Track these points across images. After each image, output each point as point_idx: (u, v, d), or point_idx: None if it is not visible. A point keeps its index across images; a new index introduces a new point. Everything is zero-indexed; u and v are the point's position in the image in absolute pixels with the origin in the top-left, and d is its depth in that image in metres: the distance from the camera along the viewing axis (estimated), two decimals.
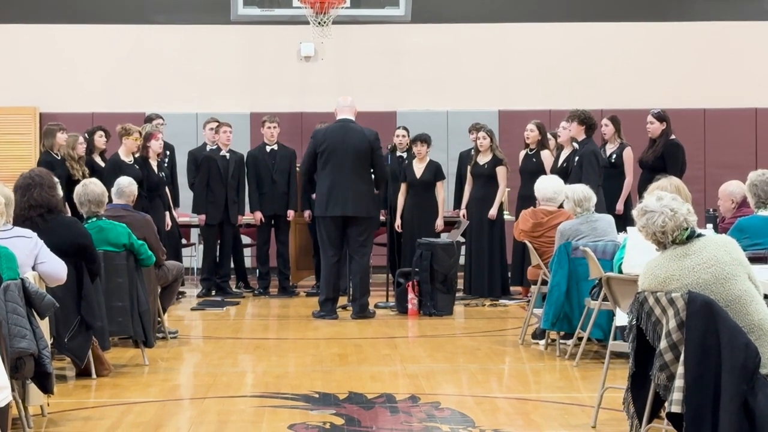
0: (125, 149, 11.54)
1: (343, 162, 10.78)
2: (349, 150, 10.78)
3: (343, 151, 10.79)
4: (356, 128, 10.93)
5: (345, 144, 10.79)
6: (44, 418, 6.43)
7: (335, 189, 10.77)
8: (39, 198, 7.11)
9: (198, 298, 12.58)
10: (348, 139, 10.80)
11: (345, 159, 10.78)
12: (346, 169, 10.78)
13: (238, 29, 15.75)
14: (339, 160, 10.79)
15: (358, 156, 10.80)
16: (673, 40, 16.07)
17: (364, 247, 11.00)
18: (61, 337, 7.20)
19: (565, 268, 8.57)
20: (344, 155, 10.78)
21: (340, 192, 10.76)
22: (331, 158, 10.82)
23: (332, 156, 10.81)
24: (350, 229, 10.90)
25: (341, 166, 10.79)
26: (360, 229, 10.92)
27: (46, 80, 15.71)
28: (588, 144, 10.96)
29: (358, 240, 10.94)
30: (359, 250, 10.97)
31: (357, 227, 10.89)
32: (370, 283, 11.31)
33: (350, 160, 10.78)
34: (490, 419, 6.43)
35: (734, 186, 8.18)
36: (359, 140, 10.81)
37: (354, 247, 10.97)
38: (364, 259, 11.00)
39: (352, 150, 10.79)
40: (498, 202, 12.29)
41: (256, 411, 6.71)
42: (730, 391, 4.63)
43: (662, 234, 4.97)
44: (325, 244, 10.98)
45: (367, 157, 10.86)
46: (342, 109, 11.06)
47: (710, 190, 13.06)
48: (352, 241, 10.96)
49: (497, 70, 16.02)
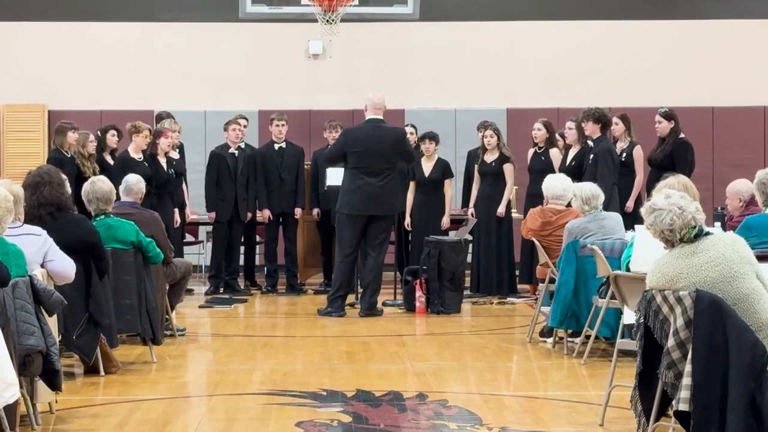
0: (135, 146, 11.57)
1: (374, 163, 10.87)
2: (380, 151, 10.88)
3: (375, 153, 10.87)
4: (387, 128, 11.07)
5: (377, 146, 10.87)
6: (52, 415, 6.44)
7: (366, 188, 10.82)
8: (49, 196, 7.13)
9: (206, 295, 12.59)
10: (380, 141, 10.89)
11: (376, 160, 10.87)
12: (376, 169, 10.88)
13: (246, 27, 15.75)
14: (370, 161, 10.87)
15: (387, 157, 10.93)
16: (682, 37, 16.05)
17: (382, 245, 11.07)
18: (69, 335, 7.21)
19: (573, 266, 8.57)
20: (376, 156, 10.86)
21: (372, 191, 10.82)
22: (363, 159, 10.88)
23: (364, 157, 10.87)
24: (372, 227, 10.96)
25: (372, 167, 10.87)
26: (381, 227, 11.01)
27: (55, 78, 15.73)
28: (603, 142, 10.94)
29: (379, 237, 11.00)
30: (377, 248, 11.00)
31: (379, 225, 10.96)
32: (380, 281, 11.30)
33: (381, 161, 10.89)
34: (498, 417, 6.43)
35: (742, 184, 8.17)
36: (390, 141, 10.93)
37: (372, 244, 10.99)
38: (380, 257, 11.03)
39: (383, 151, 10.89)
40: (505, 199, 12.29)
41: (264, 408, 6.71)
42: (737, 390, 4.62)
43: (670, 232, 4.97)
44: (345, 242, 11.00)
45: (396, 156, 11.02)
46: (372, 109, 11.10)
47: (718, 189, 13.03)
48: (370, 239, 10.99)
49: (505, 68, 16.01)
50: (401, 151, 11.06)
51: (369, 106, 11.10)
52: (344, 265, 10.99)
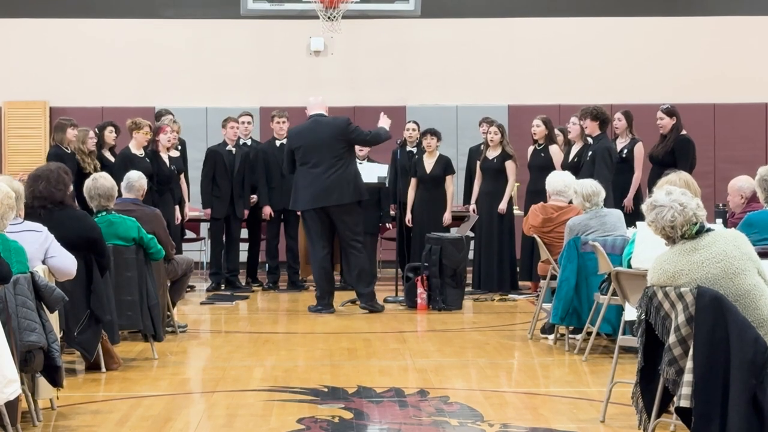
0: (136, 143, 11.57)
1: (317, 155, 10.82)
2: (321, 143, 10.82)
3: (316, 146, 10.83)
4: (326, 120, 11.00)
5: (318, 138, 10.83)
6: (53, 412, 6.45)
7: (315, 183, 10.79)
8: (44, 191, 7.14)
9: (207, 292, 12.60)
10: (320, 132, 10.85)
11: (319, 152, 10.82)
12: (321, 161, 10.81)
13: (247, 24, 15.76)
14: (313, 154, 10.83)
15: (330, 148, 10.82)
16: (683, 34, 16.04)
17: (355, 238, 10.95)
18: (70, 331, 7.22)
19: (575, 262, 8.57)
20: (318, 149, 10.82)
21: (320, 184, 10.78)
22: (306, 154, 10.86)
23: (307, 152, 10.86)
24: (338, 222, 10.90)
25: (316, 159, 10.82)
26: (349, 220, 10.90)
27: (56, 75, 15.73)
28: (602, 140, 10.94)
29: (352, 231, 10.92)
30: (356, 243, 10.95)
31: (343, 218, 10.87)
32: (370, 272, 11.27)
33: (324, 152, 10.82)
34: (499, 413, 6.43)
35: (743, 181, 8.17)
36: (329, 131, 10.84)
37: (349, 240, 10.95)
38: (361, 253, 10.96)
39: (323, 142, 10.82)
40: (507, 196, 12.29)
41: (265, 405, 6.72)
42: (739, 386, 4.62)
43: (671, 228, 4.97)
44: (313, 238, 10.99)
45: (341, 144, 10.88)
46: (312, 107, 11.12)
47: (720, 185, 13.04)
48: (343, 235, 10.96)
49: (507, 65, 16.01)
50: (347, 139, 10.91)
51: (309, 107, 11.14)
52: (318, 263, 10.98)
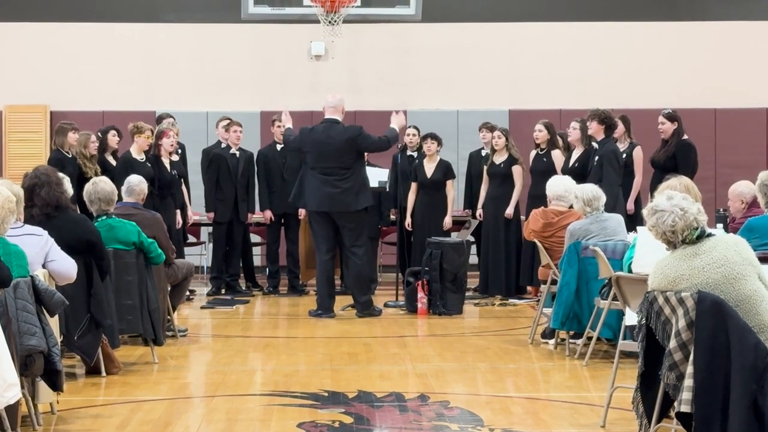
0: (137, 147, 11.56)
1: (326, 163, 10.87)
2: (331, 152, 10.86)
3: (326, 154, 10.86)
4: (338, 129, 11.00)
5: (326, 147, 10.87)
6: (53, 416, 6.45)
7: (323, 188, 10.83)
8: (47, 197, 7.11)
9: (208, 296, 12.59)
10: (328, 142, 10.87)
11: (328, 160, 10.86)
12: (330, 169, 10.86)
13: (248, 28, 15.76)
14: (322, 162, 10.88)
15: (339, 157, 10.86)
16: (684, 39, 16.04)
17: (357, 245, 11.00)
18: (70, 335, 7.21)
19: (575, 267, 8.57)
20: (327, 157, 10.86)
21: (329, 190, 10.81)
22: (316, 160, 10.91)
23: (316, 158, 10.91)
24: (341, 228, 10.95)
25: (325, 167, 10.87)
26: (351, 226, 10.94)
27: (57, 79, 15.74)
28: (608, 143, 10.95)
29: (354, 236, 10.97)
30: (357, 249, 10.99)
31: (347, 224, 10.92)
32: (368, 279, 11.27)
33: (333, 161, 10.86)
34: (500, 418, 6.43)
35: (744, 186, 8.17)
36: (339, 142, 10.87)
37: (350, 245, 11.01)
38: (361, 259, 10.99)
39: (333, 152, 10.86)
40: (514, 201, 12.31)
41: (265, 409, 6.71)
42: (739, 391, 4.62)
43: (672, 233, 4.97)
44: (318, 241, 11.07)
45: (351, 152, 10.92)
46: (328, 110, 11.14)
47: (720, 190, 13.02)
48: (346, 240, 11.01)
49: (508, 70, 16.01)
50: (358, 149, 10.98)
51: (325, 107, 11.18)
52: (321, 266, 11.04)
